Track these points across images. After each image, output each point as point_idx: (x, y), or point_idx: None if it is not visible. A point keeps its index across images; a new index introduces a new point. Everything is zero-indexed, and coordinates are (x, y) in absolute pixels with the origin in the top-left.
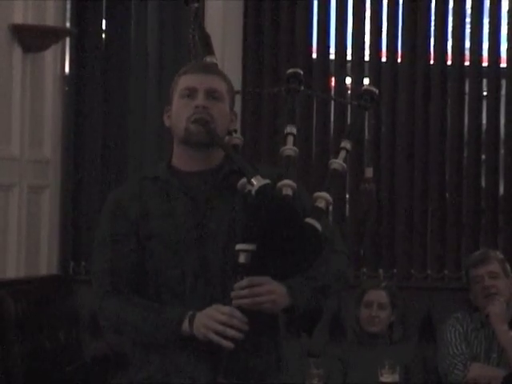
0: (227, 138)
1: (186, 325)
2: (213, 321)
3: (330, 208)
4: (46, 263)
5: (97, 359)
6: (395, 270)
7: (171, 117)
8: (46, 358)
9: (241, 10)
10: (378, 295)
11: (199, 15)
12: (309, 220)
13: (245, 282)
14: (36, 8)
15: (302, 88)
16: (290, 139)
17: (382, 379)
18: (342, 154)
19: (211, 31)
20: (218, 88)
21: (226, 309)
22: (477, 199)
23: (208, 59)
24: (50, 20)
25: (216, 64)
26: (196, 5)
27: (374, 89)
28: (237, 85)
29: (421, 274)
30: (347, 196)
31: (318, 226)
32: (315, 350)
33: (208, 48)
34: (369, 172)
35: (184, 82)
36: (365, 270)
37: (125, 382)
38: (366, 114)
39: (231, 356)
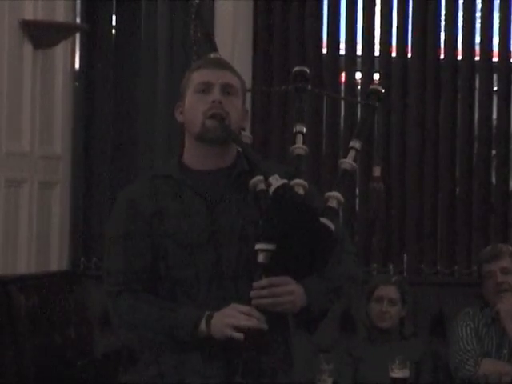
0: None
1: (203, 325)
2: (231, 319)
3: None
4: (57, 259)
5: (107, 355)
6: (405, 266)
7: (184, 112)
8: (56, 354)
9: (251, 5)
10: (389, 291)
11: (201, 12)
12: (322, 220)
13: (265, 281)
14: (46, 4)
15: (309, 86)
16: (300, 138)
17: (393, 375)
18: (352, 153)
19: (221, 28)
20: (233, 83)
21: (245, 308)
22: (487, 194)
23: (212, 56)
24: (61, 16)
25: None
26: (197, 1)
27: (380, 88)
28: (247, 82)
29: (431, 270)
30: (357, 192)
31: (331, 225)
32: (326, 345)
33: (211, 44)
34: (377, 171)
35: (199, 76)
36: (375, 265)
37: (135, 377)
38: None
39: (247, 355)
